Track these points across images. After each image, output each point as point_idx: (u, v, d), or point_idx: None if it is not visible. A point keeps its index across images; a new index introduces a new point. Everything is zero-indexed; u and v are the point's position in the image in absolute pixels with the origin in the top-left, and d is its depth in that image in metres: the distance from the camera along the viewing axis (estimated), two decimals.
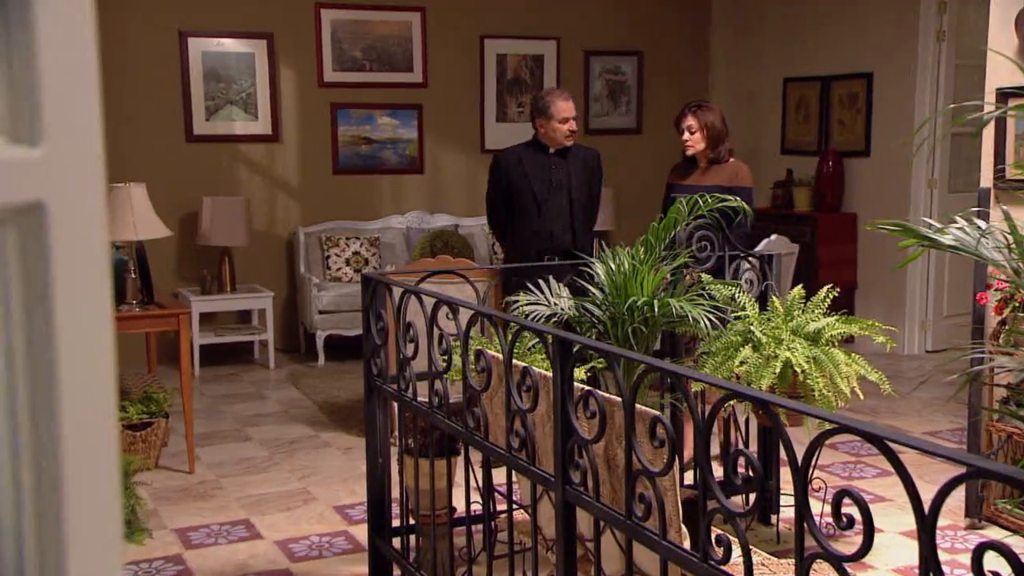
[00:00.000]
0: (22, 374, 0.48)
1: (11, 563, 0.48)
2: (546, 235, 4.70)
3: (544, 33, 7.69)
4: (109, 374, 0.53)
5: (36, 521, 0.48)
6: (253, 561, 3.71)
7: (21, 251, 0.47)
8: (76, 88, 0.50)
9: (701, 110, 4.50)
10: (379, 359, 3.30)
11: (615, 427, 2.24)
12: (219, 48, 6.91)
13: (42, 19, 0.46)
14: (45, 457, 0.48)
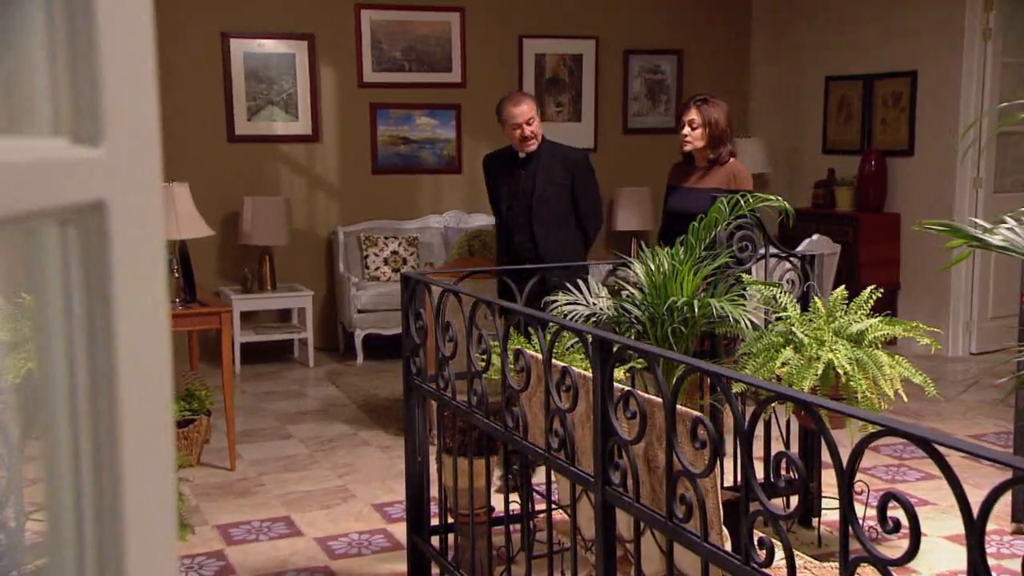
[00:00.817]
0: (82, 371, 0.49)
1: (71, 559, 0.49)
2: (508, 241, 4.63)
3: (583, 32, 7.68)
4: (166, 371, 0.53)
5: (96, 517, 0.49)
6: (293, 558, 3.74)
7: (82, 250, 0.48)
8: (135, 88, 0.50)
9: (707, 105, 4.22)
10: (418, 358, 3.31)
11: (655, 428, 2.24)
12: (260, 49, 6.97)
13: (104, 21, 0.47)
14: (105, 452, 0.49)
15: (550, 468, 2.60)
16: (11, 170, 0.42)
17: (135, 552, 0.50)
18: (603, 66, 7.77)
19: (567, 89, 7.69)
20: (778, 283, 3.53)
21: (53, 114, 0.46)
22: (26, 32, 0.45)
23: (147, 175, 0.52)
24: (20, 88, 0.46)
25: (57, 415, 0.48)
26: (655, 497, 2.29)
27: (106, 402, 0.48)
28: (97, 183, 0.47)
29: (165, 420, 0.53)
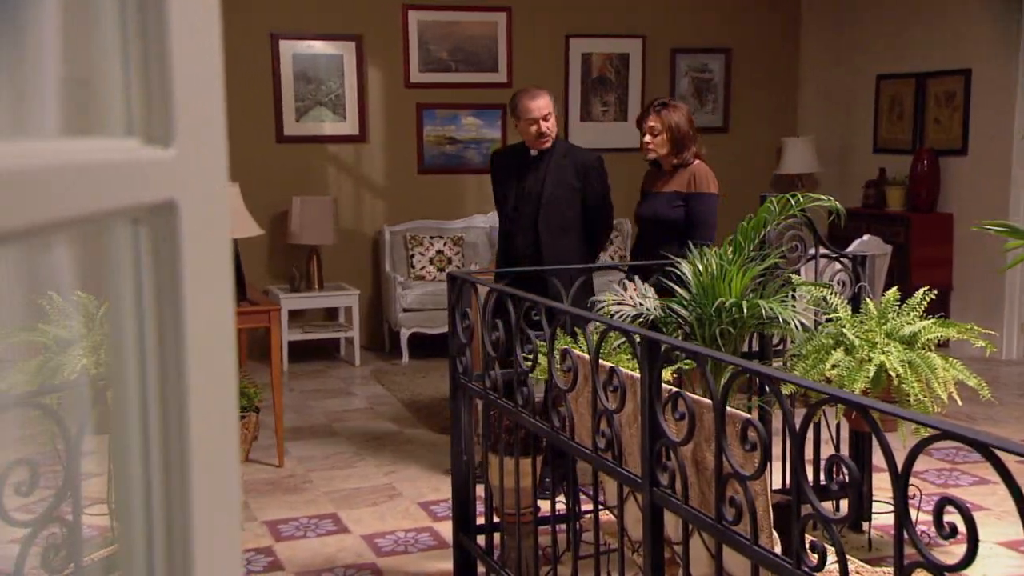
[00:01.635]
0: (153, 367, 0.49)
1: (141, 552, 0.50)
2: (512, 245, 4.38)
3: (630, 31, 7.65)
4: (232, 366, 0.54)
5: (165, 510, 0.50)
6: (341, 554, 3.77)
7: (153, 248, 0.49)
8: (204, 90, 0.51)
9: (666, 110, 4.10)
10: (464, 357, 3.32)
11: (704, 429, 2.22)
12: (309, 50, 7.04)
13: (175, 24, 0.48)
14: (174, 447, 0.49)
15: (597, 469, 2.59)
16: (87, 170, 0.43)
17: (202, 545, 0.51)
18: (650, 65, 7.73)
19: (613, 89, 7.66)
20: (828, 284, 3.49)
21: (126, 115, 0.47)
22: (101, 35, 0.46)
23: (215, 175, 0.52)
24: (95, 90, 0.47)
25: (128, 410, 0.49)
26: (703, 499, 2.27)
27: (175, 397, 0.49)
28: (168, 183, 0.48)
29: (231, 416, 0.54)
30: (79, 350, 3.36)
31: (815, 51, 8.04)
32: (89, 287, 2.89)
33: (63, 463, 2.26)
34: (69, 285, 2.39)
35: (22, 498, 1.99)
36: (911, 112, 7.23)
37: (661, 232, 4.11)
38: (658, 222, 4.13)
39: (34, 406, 2.34)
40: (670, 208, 4.11)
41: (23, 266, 1.23)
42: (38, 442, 2.43)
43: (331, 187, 7.19)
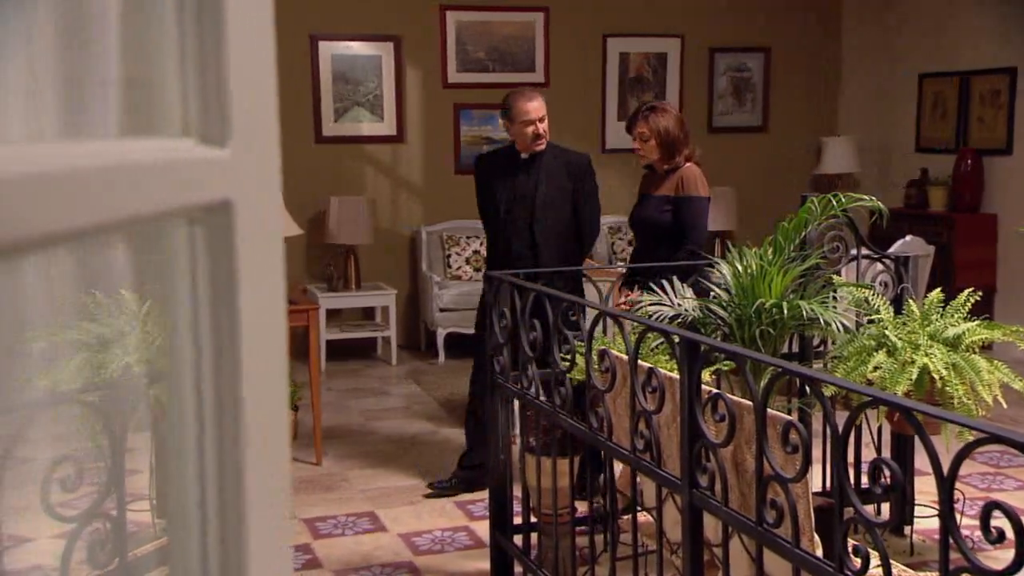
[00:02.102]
0: (208, 365, 0.50)
1: (195, 547, 0.50)
2: (506, 249, 4.29)
3: (668, 31, 7.61)
4: (284, 363, 0.54)
5: (219, 505, 0.50)
6: (378, 553, 3.79)
7: (209, 248, 0.49)
8: (258, 90, 0.51)
9: (654, 114, 4.01)
10: (502, 357, 3.33)
11: (744, 431, 2.20)
12: (348, 51, 7.08)
13: (231, 26, 0.48)
14: (229, 444, 0.50)
15: (635, 470, 2.58)
16: (145, 170, 0.43)
17: (256, 540, 0.51)
18: (688, 64, 7.69)
19: (651, 88, 7.63)
20: (870, 285, 3.45)
21: (183, 115, 0.47)
22: (158, 36, 0.47)
23: (268, 175, 0.53)
24: (152, 90, 0.47)
25: (184, 406, 0.50)
26: (743, 501, 2.25)
27: (230, 394, 0.50)
28: (224, 183, 0.48)
29: (282, 412, 0.55)
30: (122, 348, 3.41)
31: (856, 49, 7.95)
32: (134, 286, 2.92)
33: (106, 460, 2.29)
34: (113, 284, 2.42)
35: (68, 494, 2.02)
36: (954, 111, 7.12)
37: (652, 236, 4.06)
38: (649, 226, 4.07)
39: (78, 403, 2.37)
40: (659, 212, 4.04)
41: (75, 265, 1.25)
42: (82, 439, 2.46)
43: (368, 187, 7.23)
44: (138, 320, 3.50)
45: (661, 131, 3.99)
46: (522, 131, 4.19)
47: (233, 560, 0.51)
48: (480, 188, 4.42)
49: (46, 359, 2.91)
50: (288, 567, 0.56)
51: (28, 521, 3.10)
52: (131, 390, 2.61)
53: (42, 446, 2.29)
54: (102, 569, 2.01)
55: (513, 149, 4.30)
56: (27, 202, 0.36)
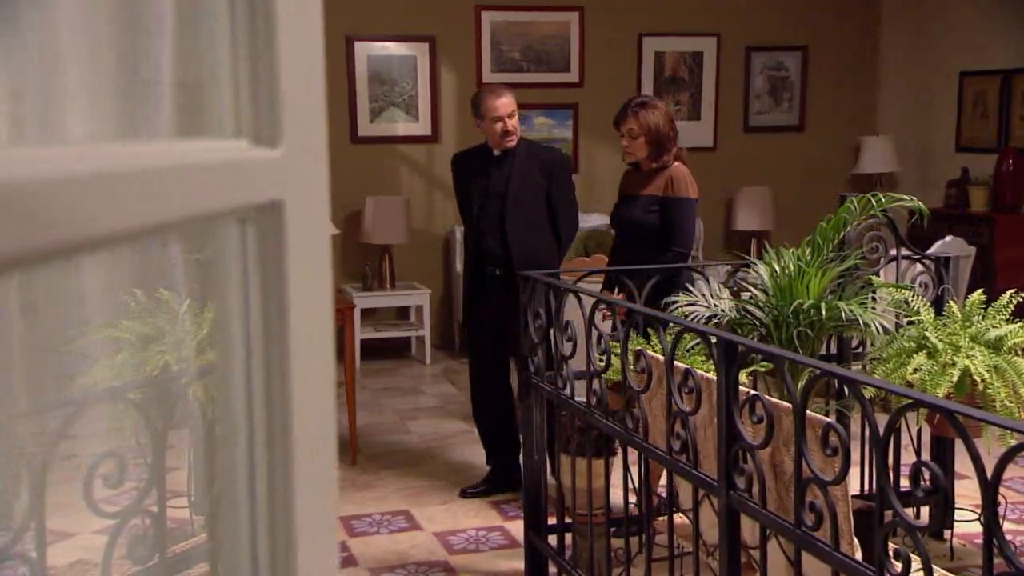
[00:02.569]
0: (258, 361, 0.50)
1: (245, 542, 0.51)
2: (479, 246, 4.28)
3: (704, 30, 7.57)
4: (331, 360, 0.55)
5: (269, 502, 0.51)
6: (413, 551, 3.80)
7: (260, 247, 0.49)
8: (308, 91, 0.52)
9: (644, 110, 3.85)
10: (536, 357, 3.33)
11: (782, 432, 2.19)
12: (384, 51, 7.11)
13: (283, 28, 0.48)
14: (279, 437, 0.50)
15: (671, 471, 2.57)
16: (199, 171, 0.44)
17: (304, 529, 0.51)
18: (724, 63, 7.64)
19: (686, 87, 7.59)
20: (910, 286, 3.41)
21: (235, 116, 0.48)
22: (212, 39, 0.47)
23: (317, 175, 0.53)
24: (206, 92, 0.48)
25: (234, 402, 0.50)
26: (781, 503, 2.24)
27: (279, 390, 0.50)
28: (275, 183, 0.49)
29: (330, 408, 0.55)
30: (161, 346, 3.45)
31: (895, 47, 7.85)
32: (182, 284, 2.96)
33: (146, 456, 2.32)
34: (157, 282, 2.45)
35: (110, 490, 2.05)
36: (995, 110, 7.02)
37: (637, 237, 3.92)
38: (634, 227, 3.93)
39: (119, 401, 2.41)
40: (645, 213, 3.90)
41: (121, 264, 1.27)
42: (122, 436, 2.50)
43: (403, 187, 7.26)
44: (177, 319, 3.54)
45: (652, 128, 3.84)
46: (491, 128, 4.16)
47: (281, 556, 0.51)
48: (456, 186, 4.44)
49: (88, 357, 2.95)
50: (335, 563, 0.57)
51: (70, 516, 3.14)
52: (171, 388, 2.65)
53: (85, 443, 2.32)
54: (143, 565, 2.03)
55: (487, 147, 4.27)
56: (89, 202, 0.37)
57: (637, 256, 3.75)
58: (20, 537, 1.82)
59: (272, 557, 0.51)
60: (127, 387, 2.59)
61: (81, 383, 2.61)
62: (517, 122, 4.18)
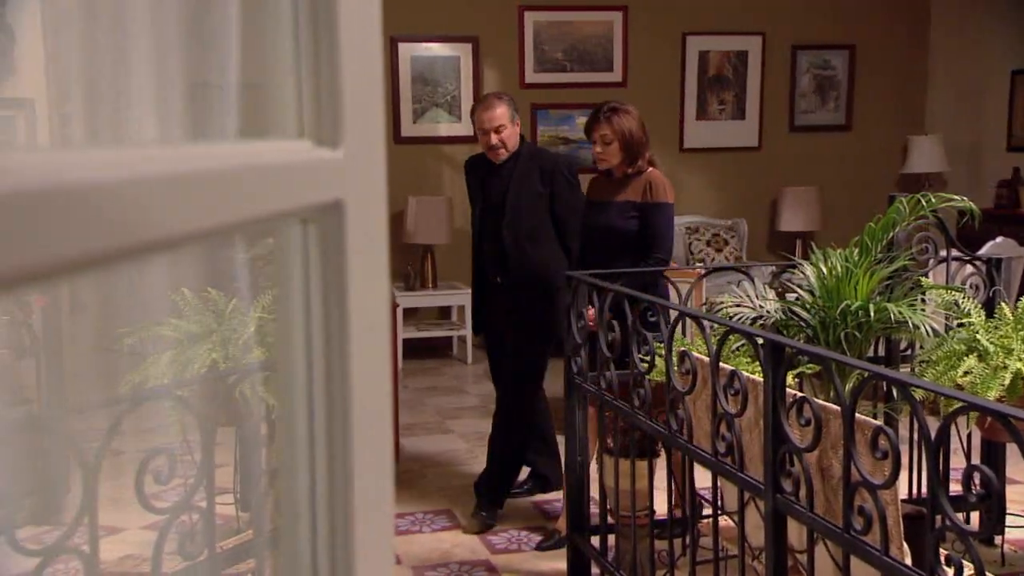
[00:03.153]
0: (319, 360, 0.51)
1: (306, 538, 0.52)
2: (479, 254, 4.20)
3: (749, 28, 7.51)
4: (387, 358, 0.55)
5: (328, 497, 0.51)
6: (456, 550, 3.82)
7: (321, 247, 0.50)
8: (368, 92, 0.52)
9: (617, 115, 3.72)
10: (579, 358, 3.32)
11: (830, 435, 2.16)
12: (427, 52, 7.15)
13: (344, 29, 0.49)
14: (338, 437, 0.51)
15: (717, 473, 2.55)
16: (265, 171, 0.44)
17: (362, 528, 0.52)
18: (769, 62, 7.57)
19: (731, 87, 7.54)
20: (960, 288, 3.35)
21: (298, 117, 0.48)
22: (275, 41, 0.48)
23: (376, 176, 0.54)
24: (269, 93, 0.48)
25: (295, 398, 0.51)
26: (828, 507, 2.21)
27: (340, 388, 0.50)
28: (336, 183, 0.49)
29: (387, 406, 0.55)
30: (209, 344, 3.49)
31: (945, 45, 7.73)
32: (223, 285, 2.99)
33: (195, 453, 2.35)
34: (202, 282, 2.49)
35: (160, 486, 2.08)
36: None
37: (613, 244, 3.77)
38: (612, 233, 3.78)
39: (169, 398, 2.44)
40: (623, 219, 3.76)
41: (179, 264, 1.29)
42: (169, 433, 2.54)
43: (446, 187, 7.28)
44: (224, 318, 3.59)
45: (625, 133, 3.72)
46: (480, 140, 4.08)
47: (341, 553, 0.52)
48: (468, 191, 4.36)
49: (139, 355, 2.99)
50: (390, 558, 0.57)
51: (118, 512, 3.20)
52: (217, 386, 2.68)
53: (135, 439, 2.36)
54: (192, 560, 2.06)
55: None
56: (159, 204, 0.37)
57: (615, 264, 3.62)
58: (73, 532, 1.85)
59: (331, 554, 0.51)
60: (175, 384, 2.62)
61: (133, 380, 2.65)
62: (509, 135, 4.01)
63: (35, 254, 0.31)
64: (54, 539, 1.93)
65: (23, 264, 0.30)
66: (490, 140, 4.00)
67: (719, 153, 7.60)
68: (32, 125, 3.76)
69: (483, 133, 4.03)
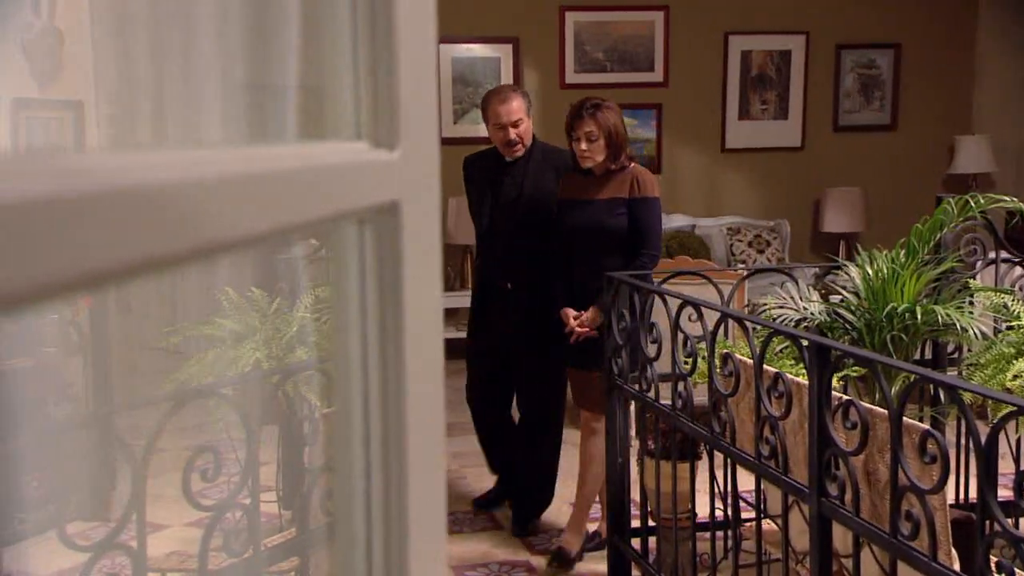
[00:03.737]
0: (374, 360, 0.51)
1: (361, 536, 0.52)
2: (493, 259, 3.95)
3: (792, 27, 7.43)
4: (440, 356, 0.55)
5: (384, 496, 0.51)
6: (495, 551, 3.82)
7: (377, 248, 0.50)
8: (423, 94, 0.52)
9: (601, 111, 3.55)
10: (620, 359, 3.31)
11: (876, 439, 2.13)
12: (468, 53, 7.16)
13: (401, 32, 0.49)
14: (393, 435, 0.51)
15: (760, 476, 2.53)
16: (325, 172, 0.45)
17: (416, 527, 0.52)
18: (813, 62, 7.49)
19: (774, 86, 7.47)
20: (1010, 290, 3.30)
21: (355, 119, 0.49)
22: (334, 44, 0.48)
23: (430, 176, 0.54)
24: (328, 96, 0.49)
25: (351, 400, 0.51)
26: (875, 511, 2.18)
27: (395, 388, 0.51)
28: (393, 185, 0.49)
29: (439, 403, 0.55)
30: (252, 344, 3.53)
31: (992, 44, 7.60)
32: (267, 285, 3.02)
33: (236, 451, 2.38)
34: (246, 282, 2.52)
35: (206, 483, 2.10)
36: None
37: (601, 243, 3.59)
38: (600, 232, 3.60)
39: (213, 396, 2.47)
40: (613, 216, 3.59)
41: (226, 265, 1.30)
42: (213, 431, 2.57)
43: None
44: (267, 317, 3.62)
45: (610, 129, 3.56)
46: (495, 135, 3.85)
47: (396, 546, 0.52)
48: (468, 192, 4.13)
49: (183, 354, 3.03)
50: (444, 556, 0.57)
51: (162, 508, 3.24)
52: (261, 385, 2.71)
53: (179, 437, 2.39)
54: (237, 557, 2.08)
55: (498, 151, 3.93)
56: (221, 205, 0.38)
57: (602, 264, 3.49)
58: (122, 528, 1.88)
59: (386, 552, 0.52)
60: (222, 383, 2.65)
61: (178, 378, 2.69)
62: (525, 129, 3.83)
63: (105, 256, 0.31)
64: (102, 535, 1.96)
65: (95, 266, 0.30)
66: (508, 135, 3.78)
67: (761, 153, 7.54)
68: (80, 127, 3.83)
69: (499, 128, 3.80)
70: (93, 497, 3.26)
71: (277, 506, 3.16)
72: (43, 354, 3.54)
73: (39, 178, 0.28)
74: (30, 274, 0.26)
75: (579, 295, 3.66)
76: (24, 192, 0.26)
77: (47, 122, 3.91)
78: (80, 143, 3.85)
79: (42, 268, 0.27)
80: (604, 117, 3.56)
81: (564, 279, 3.72)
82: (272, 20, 0.48)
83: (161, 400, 2.17)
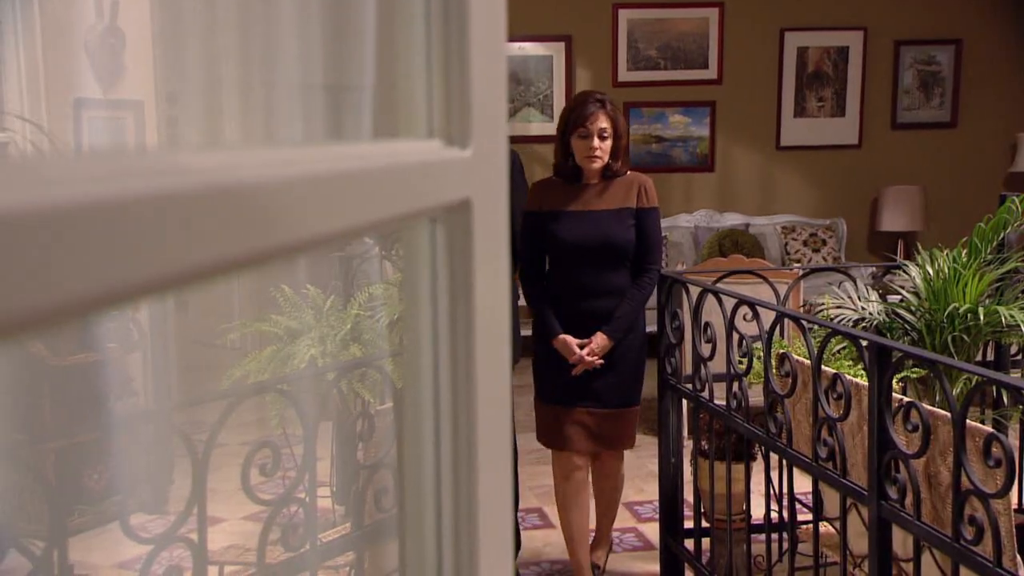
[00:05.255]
0: (445, 357, 0.51)
1: (431, 530, 0.52)
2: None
3: (850, 23, 7.33)
4: (508, 352, 0.56)
5: (454, 491, 0.52)
6: (547, 549, 3.82)
7: (448, 245, 0.50)
8: (494, 92, 0.53)
9: (610, 105, 3.22)
10: (673, 358, 3.29)
11: (938, 442, 2.09)
12: (520, 52, 7.17)
13: (474, 31, 0.49)
14: (463, 430, 0.51)
15: (818, 479, 2.50)
16: (400, 171, 0.45)
17: (484, 522, 0.52)
18: (871, 58, 7.38)
19: (830, 83, 7.37)
20: None
21: (428, 118, 0.49)
22: (408, 43, 0.49)
23: (500, 174, 0.54)
24: (403, 94, 0.49)
25: (422, 392, 0.52)
26: (936, 515, 2.14)
27: (465, 381, 0.51)
28: (465, 183, 0.49)
29: (506, 402, 0.56)
30: (308, 340, 3.57)
31: None
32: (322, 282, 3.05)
33: (291, 446, 2.41)
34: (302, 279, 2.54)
35: (264, 478, 2.13)
36: None
37: (610, 259, 3.23)
38: (610, 247, 3.22)
39: (270, 392, 2.50)
40: (624, 228, 3.22)
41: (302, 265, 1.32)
42: (269, 426, 2.60)
43: None
44: (323, 314, 3.66)
45: (620, 128, 3.22)
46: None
47: (465, 541, 0.52)
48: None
49: (240, 350, 3.08)
50: (510, 551, 0.57)
51: (219, 502, 3.29)
52: (317, 381, 2.74)
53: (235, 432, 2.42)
54: (295, 552, 2.11)
55: None
56: (302, 204, 0.38)
57: (609, 281, 3.22)
58: (183, 521, 1.92)
59: (456, 546, 0.52)
60: (278, 380, 2.69)
61: (234, 375, 2.73)
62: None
63: (198, 255, 0.32)
64: (161, 528, 2.00)
65: (189, 264, 0.31)
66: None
67: (817, 151, 7.44)
68: (141, 127, 3.90)
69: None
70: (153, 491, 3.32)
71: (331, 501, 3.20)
72: (106, 350, 3.62)
73: (142, 176, 0.28)
74: (133, 271, 0.27)
75: (583, 319, 3.25)
76: (130, 190, 0.27)
77: (109, 122, 3.99)
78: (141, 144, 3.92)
79: (143, 266, 0.28)
80: (615, 112, 3.22)
81: (554, 303, 3.31)
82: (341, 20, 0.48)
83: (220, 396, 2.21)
